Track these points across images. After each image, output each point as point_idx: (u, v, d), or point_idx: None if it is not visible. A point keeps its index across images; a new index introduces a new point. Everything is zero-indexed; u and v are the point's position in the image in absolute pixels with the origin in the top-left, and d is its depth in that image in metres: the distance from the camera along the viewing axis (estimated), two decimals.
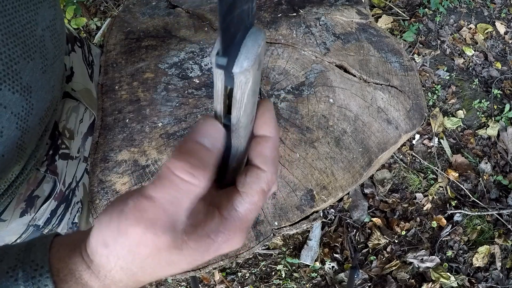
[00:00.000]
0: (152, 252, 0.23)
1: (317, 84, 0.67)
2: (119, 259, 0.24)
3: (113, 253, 0.24)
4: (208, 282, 1.54)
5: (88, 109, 0.65)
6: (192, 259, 0.25)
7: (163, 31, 0.74)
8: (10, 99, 0.39)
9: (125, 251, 0.23)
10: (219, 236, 0.25)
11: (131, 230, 0.22)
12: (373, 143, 0.66)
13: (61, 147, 0.58)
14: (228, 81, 0.20)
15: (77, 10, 1.41)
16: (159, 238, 0.22)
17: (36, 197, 0.55)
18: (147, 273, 0.25)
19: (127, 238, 0.23)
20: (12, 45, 0.38)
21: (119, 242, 0.23)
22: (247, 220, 0.26)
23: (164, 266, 0.25)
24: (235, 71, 0.19)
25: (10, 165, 0.43)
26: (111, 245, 0.24)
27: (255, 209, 0.27)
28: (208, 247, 0.25)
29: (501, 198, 1.65)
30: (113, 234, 0.23)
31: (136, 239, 0.23)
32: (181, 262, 0.25)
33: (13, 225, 0.53)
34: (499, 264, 1.53)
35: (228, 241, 0.26)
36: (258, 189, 0.26)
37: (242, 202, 0.26)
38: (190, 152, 0.22)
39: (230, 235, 0.26)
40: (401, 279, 1.50)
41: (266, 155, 0.26)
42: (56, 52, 0.48)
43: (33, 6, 0.42)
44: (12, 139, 0.41)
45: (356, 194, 1.65)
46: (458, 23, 2.05)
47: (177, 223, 0.23)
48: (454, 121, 1.79)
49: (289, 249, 1.58)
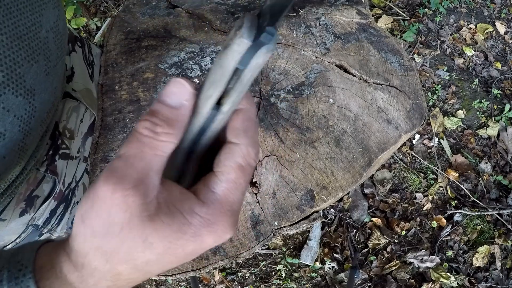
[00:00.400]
0: (124, 219, 0.22)
1: (317, 84, 0.67)
2: (94, 236, 0.23)
3: (88, 228, 0.23)
4: (208, 282, 1.54)
5: (89, 109, 0.65)
6: (167, 241, 0.23)
7: (163, 31, 0.74)
8: (13, 103, 0.38)
9: (100, 223, 0.22)
10: (195, 217, 0.23)
11: (101, 192, 0.22)
12: (373, 143, 0.66)
13: (61, 147, 0.58)
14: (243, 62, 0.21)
15: (77, 10, 1.41)
16: (128, 199, 0.21)
17: (35, 196, 0.55)
18: (122, 257, 0.23)
19: (100, 205, 0.22)
20: (17, 48, 0.38)
21: (93, 213, 0.22)
22: (228, 202, 0.24)
23: (138, 244, 0.22)
24: (262, 51, 0.20)
25: (11, 166, 0.43)
26: (86, 219, 0.23)
27: (235, 188, 0.24)
28: (182, 227, 0.23)
29: (501, 198, 1.65)
30: (88, 206, 0.22)
31: (107, 202, 0.22)
32: (156, 243, 0.23)
33: (12, 224, 0.53)
34: (499, 264, 1.53)
35: (209, 227, 0.23)
36: (233, 165, 0.24)
37: (218, 182, 0.24)
38: (154, 111, 0.23)
39: (210, 220, 0.23)
40: (401, 279, 1.50)
41: (237, 127, 0.25)
42: (58, 53, 0.48)
43: (38, 7, 0.42)
44: (14, 141, 0.41)
45: (356, 194, 1.65)
46: (458, 23, 2.05)
47: (147, 186, 0.22)
48: (454, 121, 1.79)
49: (289, 249, 1.58)
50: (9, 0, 0.37)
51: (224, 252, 0.60)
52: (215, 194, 0.24)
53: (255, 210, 0.61)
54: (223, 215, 0.24)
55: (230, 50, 0.21)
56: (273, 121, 0.64)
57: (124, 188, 0.21)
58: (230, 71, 0.22)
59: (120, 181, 0.22)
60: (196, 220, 0.23)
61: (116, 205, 0.22)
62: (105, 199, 0.22)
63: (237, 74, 0.22)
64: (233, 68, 0.21)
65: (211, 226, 0.23)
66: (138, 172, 0.22)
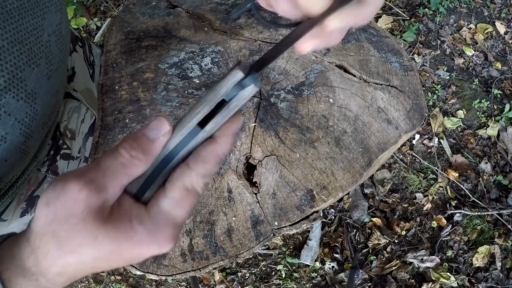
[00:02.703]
0: (82, 214, 0.25)
1: (317, 84, 0.67)
2: (54, 220, 0.25)
3: (51, 212, 0.25)
4: (208, 282, 1.54)
5: (89, 109, 0.65)
6: (115, 243, 0.26)
7: (163, 31, 0.74)
8: (14, 107, 0.38)
9: (62, 210, 0.25)
10: (140, 225, 0.26)
11: (71, 185, 0.25)
12: (373, 143, 0.66)
13: (62, 147, 0.58)
14: (233, 91, 0.25)
15: (77, 10, 1.41)
16: (91, 198, 0.25)
17: (36, 197, 0.55)
18: (72, 248, 0.25)
19: (66, 196, 0.25)
20: (18, 52, 0.38)
21: (58, 201, 0.25)
22: (171, 217, 0.27)
23: (89, 240, 0.25)
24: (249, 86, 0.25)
25: (12, 169, 0.43)
26: (51, 204, 0.25)
27: (179, 206, 0.27)
28: (129, 233, 0.26)
29: (501, 198, 1.65)
30: (55, 194, 0.25)
31: (73, 195, 0.25)
32: (104, 242, 0.25)
33: (13, 225, 0.53)
34: (499, 264, 1.53)
35: (151, 236, 0.26)
36: (179, 185, 0.27)
37: (164, 197, 0.27)
38: (136, 138, 0.27)
39: (153, 230, 0.26)
40: (401, 279, 1.50)
41: (200, 153, 0.27)
42: (61, 56, 0.47)
43: (40, 11, 0.42)
44: (15, 144, 0.41)
45: (356, 194, 1.66)
46: (458, 23, 2.05)
47: (109, 194, 0.26)
48: (454, 121, 1.79)
49: (289, 249, 1.58)
50: (11, 6, 0.37)
51: (224, 252, 0.60)
52: (160, 208, 0.27)
53: (255, 210, 0.61)
54: (165, 227, 0.27)
55: (225, 79, 0.25)
56: (273, 121, 0.64)
57: (90, 189, 0.25)
58: (220, 95, 0.25)
59: (88, 184, 0.25)
60: (141, 229, 0.26)
61: (79, 201, 0.25)
62: (72, 193, 0.25)
63: (226, 103, 0.26)
64: (224, 93, 0.25)
65: (153, 235, 0.27)
66: (106, 182, 0.26)
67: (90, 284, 1.57)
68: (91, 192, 0.25)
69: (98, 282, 1.56)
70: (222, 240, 0.60)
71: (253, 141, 0.63)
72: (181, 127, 0.27)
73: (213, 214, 0.61)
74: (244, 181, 0.62)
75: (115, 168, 0.26)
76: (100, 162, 0.26)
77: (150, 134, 0.27)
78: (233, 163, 0.62)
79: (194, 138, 0.27)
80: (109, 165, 0.26)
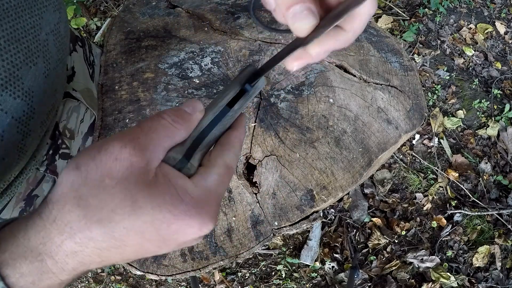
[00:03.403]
0: (122, 176, 0.23)
1: (317, 84, 0.67)
2: (85, 183, 0.22)
3: (81, 175, 0.23)
4: (208, 282, 1.54)
5: (89, 109, 0.65)
6: (156, 211, 0.23)
7: (163, 31, 0.74)
8: (11, 105, 0.38)
9: (97, 172, 0.23)
10: (187, 196, 0.25)
11: (112, 144, 0.23)
12: (373, 143, 0.66)
13: (61, 147, 0.58)
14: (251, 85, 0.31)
15: (77, 10, 1.41)
16: (135, 156, 0.23)
17: (35, 196, 0.55)
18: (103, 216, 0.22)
19: (103, 156, 0.23)
20: (15, 51, 0.38)
21: (93, 162, 0.23)
22: (216, 192, 0.27)
23: (126, 204, 0.22)
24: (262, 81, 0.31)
25: (10, 167, 0.43)
26: (82, 166, 0.23)
27: (222, 183, 0.27)
28: (175, 201, 0.24)
29: (501, 198, 1.65)
30: (89, 156, 0.23)
31: (113, 155, 0.23)
32: (144, 208, 0.23)
33: None
34: (499, 264, 1.53)
35: (198, 208, 0.25)
36: (221, 162, 0.28)
37: (209, 173, 0.27)
38: (176, 110, 0.28)
39: (199, 203, 0.25)
40: (401, 279, 1.50)
41: (230, 137, 0.30)
42: (59, 56, 0.47)
43: (38, 10, 0.42)
44: (12, 143, 0.41)
45: (356, 194, 1.65)
46: (458, 23, 2.05)
47: (152, 154, 0.25)
48: (454, 121, 1.79)
49: (289, 249, 1.58)
50: (8, 4, 0.37)
51: (224, 252, 0.60)
52: (207, 182, 0.27)
53: (255, 210, 0.61)
54: (211, 202, 0.26)
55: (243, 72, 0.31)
56: (273, 121, 0.64)
57: (133, 147, 0.23)
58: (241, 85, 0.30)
59: (131, 141, 0.24)
60: (188, 199, 0.25)
61: (120, 160, 0.23)
62: (112, 152, 0.23)
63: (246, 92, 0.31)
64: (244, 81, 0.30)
65: (199, 208, 0.25)
66: (149, 141, 0.25)
67: (90, 284, 1.56)
68: (135, 150, 0.23)
69: (98, 282, 1.56)
70: (222, 240, 0.60)
71: (253, 141, 0.63)
72: (212, 107, 0.30)
73: None
74: (244, 181, 0.62)
75: (158, 129, 0.26)
76: (142, 124, 0.26)
77: (187, 109, 0.28)
78: None
79: (225, 116, 0.30)
80: (151, 126, 0.26)
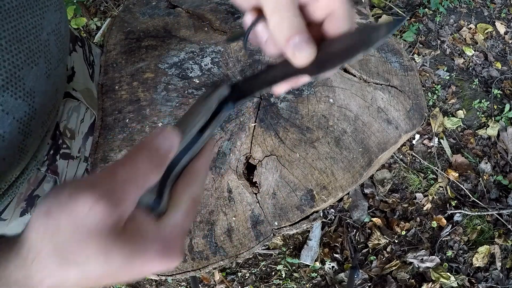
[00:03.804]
0: (96, 228, 0.22)
1: (317, 84, 0.67)
2: (56, 233, 0.22)
3: (53, 225, 0.22)
4: (208, 282, 1.54)
5: (89, 109, 0.65)
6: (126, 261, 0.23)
7: (163, 31, 0.74)
8: (12, 105, 0.38)
9: (69, 222, 0.22)
10: (156, 241, 0.25)
11: (84, 196, 0.22)
12: (373, 143, 0.66)
13: (62, 147, 0.58)
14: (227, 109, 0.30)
15: (77, 10, 1.41)
16: (108, 212, 0.22)
17: (36, 196, 0.55)
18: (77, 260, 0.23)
19: (77, 207, 0.22)
20: (16, 51, 0.38)
21: (64, 211, 0.22)
22: (181, 228, 0.27)
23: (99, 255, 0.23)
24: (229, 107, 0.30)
25: (11, 168, 0.43)
26: (53, 215, 0.22)
27: (188, 218, 0.27)
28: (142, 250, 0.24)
29: (501, 198, 1.65)
30: (61, 202, 0.22)
31: (85, 208, 0.22)
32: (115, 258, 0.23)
33: (13, 224, 0.53)
34: (499, 264, 1.53)
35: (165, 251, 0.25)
36: (187, 197, 0.28)
37: (176, 210, 0.27)
38: (149, 149, 0.26)
39: (168, 243, 0.25)
40: (401, 279, 1.50)
41: (195, 166, 0.29)
42: (60, 56, 0.47)
43: (39, 10, 0.42)
44: (14, 143, 0.41)
45: (356, 194, 1.66)
46: (458, 23, 2.05)
47: (127, 208, 0.24)
48: (454, 121, 1.79)
49: (289, 249, 1.58)
50: (9, 5, 0.37)
51: (224, 252, 0.60)
52: (175, 221, 0.27)
53: (255, 210, 0.61)
54: (178, 239, 0.27)
55: (214, 95, 0.30)
56: (273, 121, 0.64)
57: (106, 203, 0.22)
58: (212, 109, 0.29)
59: (105, 196, 0.23)
60: (157, 244, 0.25)
61: (94, 214, 0.22)
62: (84, 205, 0.22)
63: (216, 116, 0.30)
64: (215, 107, 0.29)
65: (167, 248, 0.26)
66: (125, 195, 0.24)
67: None
68: (107, 206, 0.22)
69: None
70: (222, 240, 0.60)
71: (253, 141, 0.63)
72: (183, 134, 0.28)
73: (213, 214, 0.61)
74: (244, 181, 0.62)
75: (134, 180, 0.24)
76: (117, 172, 0.24)
77: (164, 146, 0.26)
78: (233, 163, 0.62)
79: (195, 144, 0.29)
80: (127, 176, 0.24)
